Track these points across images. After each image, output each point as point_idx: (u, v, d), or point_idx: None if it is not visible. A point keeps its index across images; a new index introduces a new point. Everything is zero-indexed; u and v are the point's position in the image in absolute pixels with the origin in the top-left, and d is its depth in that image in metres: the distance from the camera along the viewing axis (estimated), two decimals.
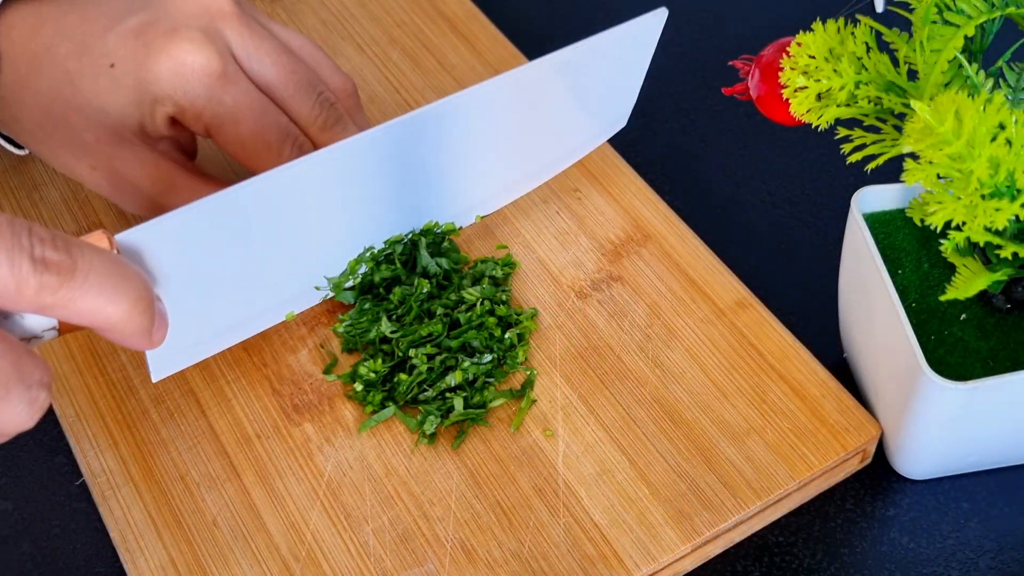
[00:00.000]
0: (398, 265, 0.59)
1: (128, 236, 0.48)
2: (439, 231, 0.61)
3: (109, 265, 0.43)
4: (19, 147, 0.62)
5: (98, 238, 0.47)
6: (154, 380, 0.54)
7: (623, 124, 0.66)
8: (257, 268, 0.56)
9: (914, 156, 0.46)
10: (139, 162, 0.57)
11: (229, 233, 0.53)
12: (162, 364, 0.54)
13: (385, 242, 0.60)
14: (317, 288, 0.59)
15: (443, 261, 0.60)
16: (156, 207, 0.58)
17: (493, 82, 0.57)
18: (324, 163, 0.54)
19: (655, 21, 0.60)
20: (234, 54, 0.57)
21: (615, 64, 0.62)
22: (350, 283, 0.59)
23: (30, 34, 0.56)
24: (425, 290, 0.58)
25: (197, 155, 0.62)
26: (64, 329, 0.46)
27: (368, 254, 0.59)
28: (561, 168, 0.65)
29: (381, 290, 0.59)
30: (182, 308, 0.50)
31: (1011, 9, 0.49)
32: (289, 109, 0.58)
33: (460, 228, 0.62)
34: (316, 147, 0.58)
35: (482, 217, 0.63)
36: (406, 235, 0.60)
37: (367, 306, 0.59)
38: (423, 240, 0.60)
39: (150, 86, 0.55)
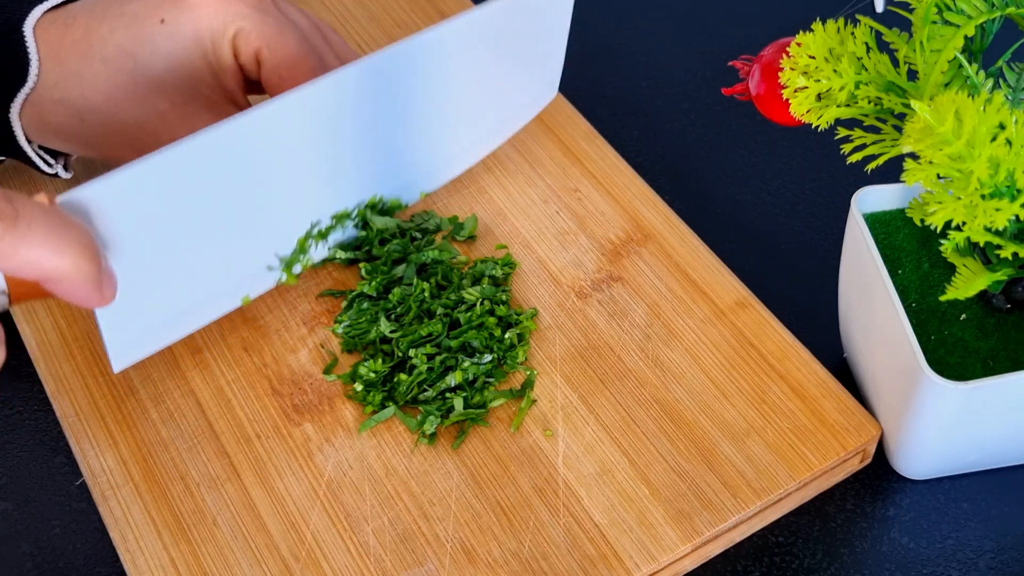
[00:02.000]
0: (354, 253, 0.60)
1: (68, 198, 0.48)
2: (383, 206, 0.61)
3: (51, 215, 0.44)
4: (54, 162, 0.60)
5: (40, 198, 0.47)
6: (116, 370, 0.54)
7: (553, 94, 0.67)
8: (205, 240, 0.55)
9: (914, 156, 0.46)
10: (221, 118, 0.56)
11: (173, 198, 0.52)
12: (122, 353, 0.54)
13: (332, 217, 0.60)
14: (270, 268, 0.58)
15: (388, 220, 0.60)
16: None
17: (424, 35, 0.57)
18: (265, 119, 0.53)
19: None
20: None
21: (535, 26, 0.62)
22: (298, 268, 0.59)
23: (64, 28, 0.56)
24: (426, 292, 0.58)
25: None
26: (15, 294, 0.47)
27: (316, 230, 0.59)
28: (499, 141, 0.65)
29: (379, 288, 0.59)
30: (132, 282, 0.50)
31: (1011, 9, 0.49)
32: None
33: (406, 205, 0.63)
34: None
35: (426, 194, 0.64)
36: (352, 209, 0.60)
37: (366, 306, 0.59)
38: (371, 212, 0.61)
39: (205, 21, 0.56)
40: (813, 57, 0.51)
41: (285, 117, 0.54)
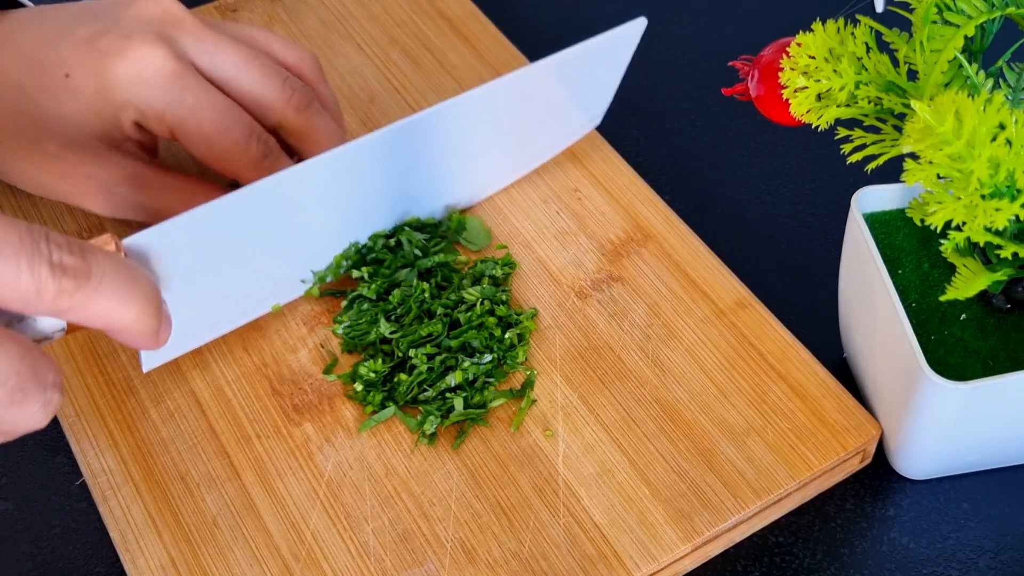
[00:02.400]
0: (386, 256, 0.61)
1: (135, 240, 0.49)
2: (419, 225, 0.62)
3: (121, 269, 0.44)
4: None
5: (105, 242, 0.48)
6: (145, 371, 0.56)
7: (597, 122, 0.68)
8: (250, 265, 0.57)
9: (914, 156, 0.46)
10: (107, 165, 0.58)
11: (226, 235, 0.54)
12: (153, 356, 0.56)
13: (369, 237, 0.61)
14: (303, 281, 0.60)
15: (435, 260, 0.60)
16: (127, 206, 0.59)
17: (480, 91, 0.58)
18: (320, 169, 0.55)
19: (635, 29, 0.62)
20: (191, 58, 0.57)
21: (595, 69, 0.64)
22: (329, 279, 0.61)
23: None
24: (426, 292, 0.58)
25: (159, 154, 0.62)
26: (72, 329, 0.47)
27: (353, 249, 0.60)
28: (537, 164, 0.66)
29: (380, 289, 0.59)
30: (178, 306, 0.51)
31: (1011, 9, 0.49)
32: (259, 97, 0.58)
33: (441, 222, 0.63)
34: (292, 130, 0.59)
35: (460, 212, 0.64)
36: (388, 230, 0.61)
37: (366, 307, 0.59)
38: (406, 233, 0.61)
39: (110, 93, 0.56)
40: (813, 57, 0.51)
41: (331, 168, 0.56)
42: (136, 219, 0.59)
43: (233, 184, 0.60)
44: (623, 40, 0.62)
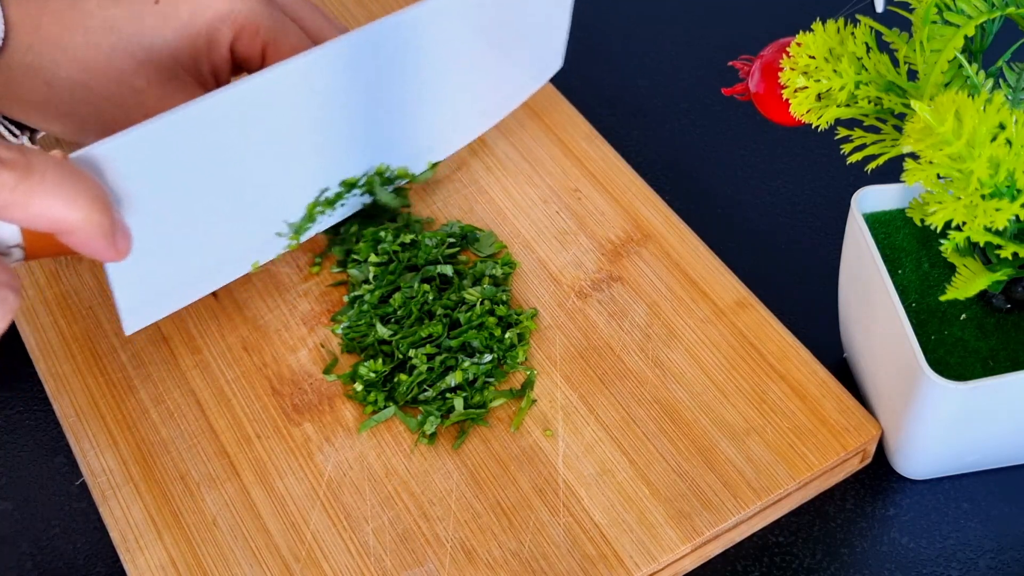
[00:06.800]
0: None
1: (82, 155, 0.48)
2: (390, 174, 0.62)
3: (63, 167, 0.44)
4: (20, 133, 0.61)
5: (54, 154, 0.47)
6: (127, 332, 0.54)
7: (559, 65, 0.67)
8: (217, 203, 0.55)
9: (914, 156, 0.46)
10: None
11: (183, 159, 0.53)
12: (134, 316, 0.55)
13: (340, 183, 0.60)
14: (279, 235, 0.59)
15: (444, 269, 0.60)
16: None
17: (431, 2, 0.57)
18: (275, 82, 0.54)
19: None
20: None
21: (537, 2, 0.63)
22: (306, 236, 0.60)
23: None
24: (428, 295, 0.58)
25: None
26: (30, 249, 0.47)
27: (323, 196, 0.59)
28: (505, 111, 0.66)
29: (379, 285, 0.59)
30: (144, 242, 0.50)
31: (1011, 9, 0.49)
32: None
33: (414, 174, 0.63)
34: None
35: (434, 164, 0.64)
36: (359, 177, 0.61)
37: (365, 308, 0.59)
38: (377, 180, 0.61)
39: (205, 11, 0.56)
40: (813, 57, 0.51)
41: (295, 81, 0.54)
42: None
43: None
44: None
